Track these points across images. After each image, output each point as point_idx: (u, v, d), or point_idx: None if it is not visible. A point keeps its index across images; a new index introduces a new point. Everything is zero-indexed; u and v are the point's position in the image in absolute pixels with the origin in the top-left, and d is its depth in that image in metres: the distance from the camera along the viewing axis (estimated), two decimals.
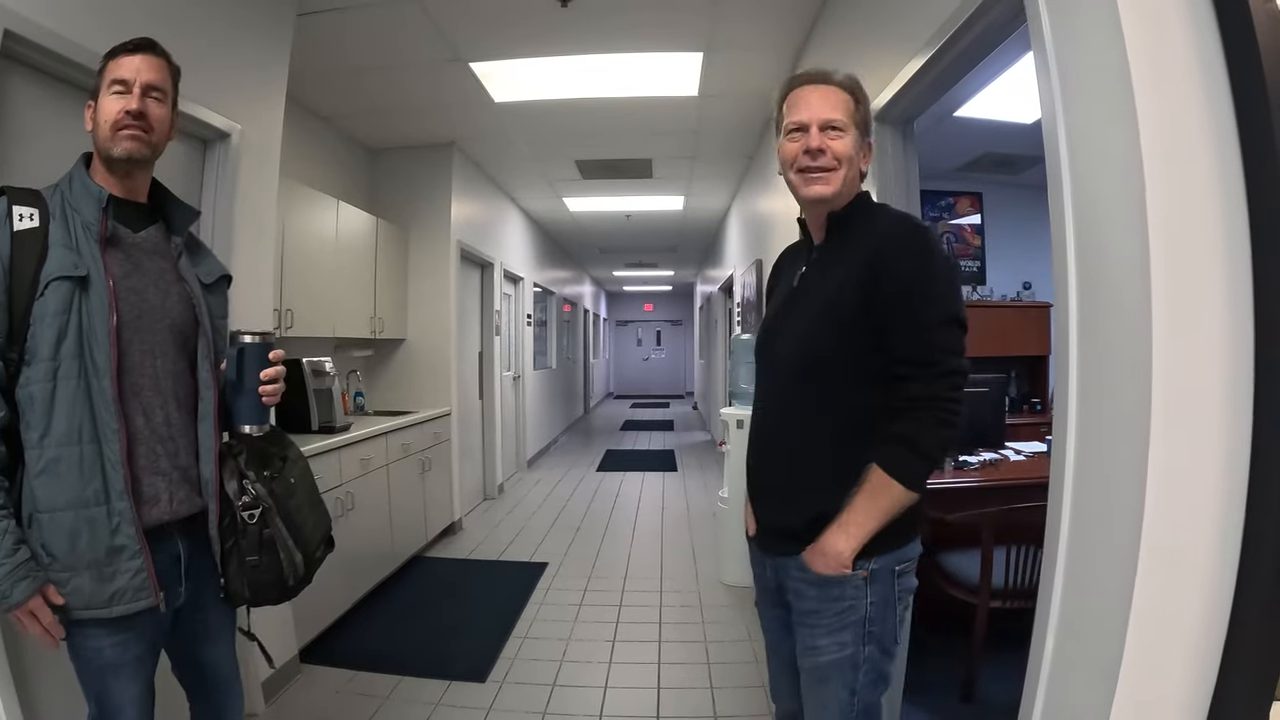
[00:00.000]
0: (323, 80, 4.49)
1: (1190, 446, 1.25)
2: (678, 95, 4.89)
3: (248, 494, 1.70)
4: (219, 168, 2.96)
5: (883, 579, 1.55)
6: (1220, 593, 1.26)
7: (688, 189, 7.88)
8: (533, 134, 5.87)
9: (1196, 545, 1.26)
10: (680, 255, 13.19)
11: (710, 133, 5.80)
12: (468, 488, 6.53)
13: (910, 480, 1.48)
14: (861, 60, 3.01)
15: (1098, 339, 1.42)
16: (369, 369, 5.82)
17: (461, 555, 5.32)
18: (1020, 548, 2.76)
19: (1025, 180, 6.05)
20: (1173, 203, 1.25)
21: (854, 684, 1.57)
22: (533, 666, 3.43)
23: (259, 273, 3.15)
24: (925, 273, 1.49)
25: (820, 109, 1.59)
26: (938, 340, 1.47)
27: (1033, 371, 5.90)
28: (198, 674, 1.86)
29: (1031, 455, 3.81)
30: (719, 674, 3.34)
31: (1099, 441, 1.42)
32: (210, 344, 1.72)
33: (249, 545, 1.70)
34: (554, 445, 11.07)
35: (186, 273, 1.73)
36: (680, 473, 8.79)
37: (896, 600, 1.58)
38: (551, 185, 7.64)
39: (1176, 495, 1.25)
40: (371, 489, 4.24)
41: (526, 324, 9.21)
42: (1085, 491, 1.46)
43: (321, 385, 4.10)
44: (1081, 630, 1.44)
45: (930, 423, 1.46)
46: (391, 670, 3.37)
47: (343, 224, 4.71)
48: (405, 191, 5.99)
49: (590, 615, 4.09)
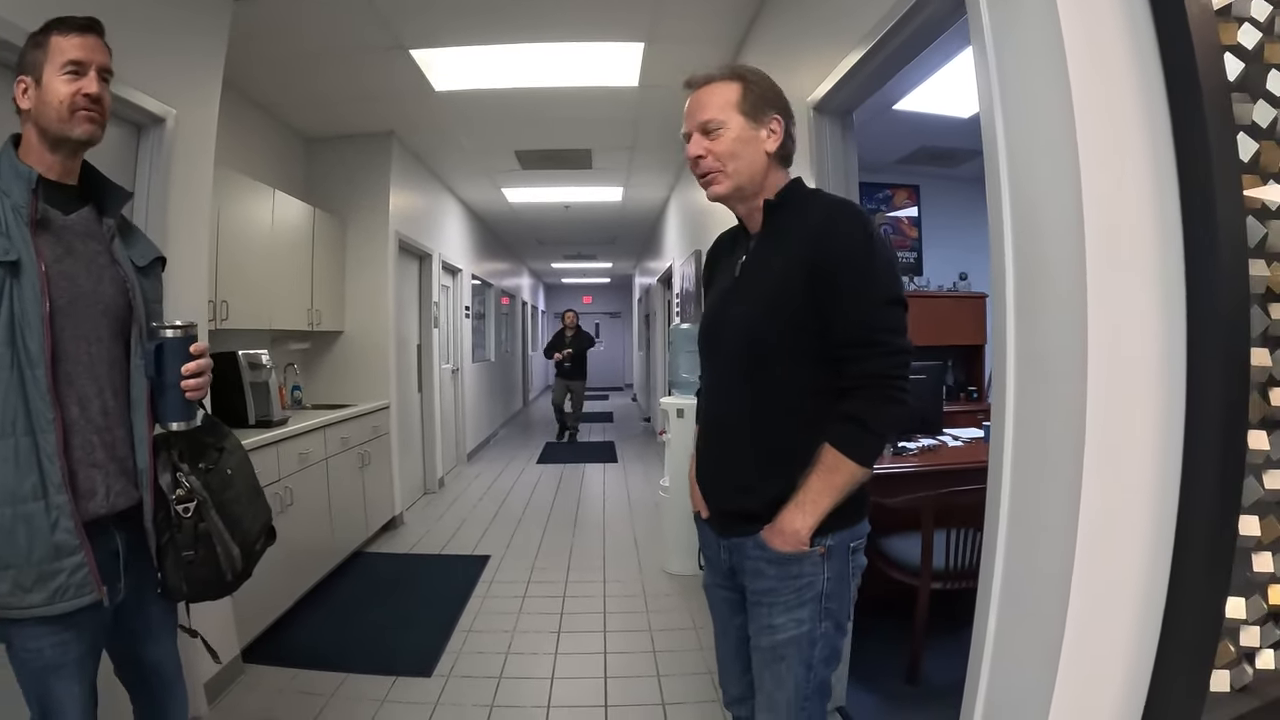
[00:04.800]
0: (261, 67, 4.37)
1: (1125, 429, 1.32)
2: (619, 85, 4.89)
3: (181, 487, 1.66)
4: (153, 154, 2.87)
5: (839, 555, 1.59)
6: (1157, 569, 1.33)
7: (627, 180, 7.89)
8: (473, 124, 5.80)
9: (1133, 523, 1.33)
10: (619, 247, 13.20)
11: (650, 123, 5.81)
12: (408, 482, 6.46)
13: (862, 457, 1.52)
14: (801, 52, 3.07)
15: (1035, 327, 1.49)
16: (307, 362, 5.70)
17: (404, 550, 5.26)
18: (960, 531, 2.86)
19: (962, 174, 6.22)
20: (1108, 194, 1.31)
21: (810, 659, 1.60)
22: (479, 660, 3.43)
23: (194, 262, 3.08)
24: (865, 254, 1.51)
25: (694, 115, 1.63)
26: (881, 320, 1.50)
27: (969, 360, 6.07)
28: (140, 674, 1.82)
29: (969, 441, 3.94)
30: (665, 662, 3.38)
31: (1037, 426, 1.48)
32: (144, 329, 1.66)
33: (184, 539, 1.66)
34: (494, 438, 11.00)
35: (120, 256, 1.68)
36: (621, 464, 8.83)
37: (851, 576, 1.62)
38: (491, 176, 7.58)
39: (1113, 475, 1.31)
40: (311, 483, 4.17)
41: (465, 316, 9.12)
42: (1024, 474, 1.52)
43: (258, 378, 4.01)
44: (1022, 610, 1.51)
45: (879, 400, 1.49)
46: (336, 668, 3.32)
47: (279, 214, 4.61)
48: (343, 182, 5.86)
49: (535, 607, 4.10)
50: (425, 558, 5.10)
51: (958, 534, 2.87)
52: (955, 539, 2.88)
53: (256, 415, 3.94)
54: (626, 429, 12.20)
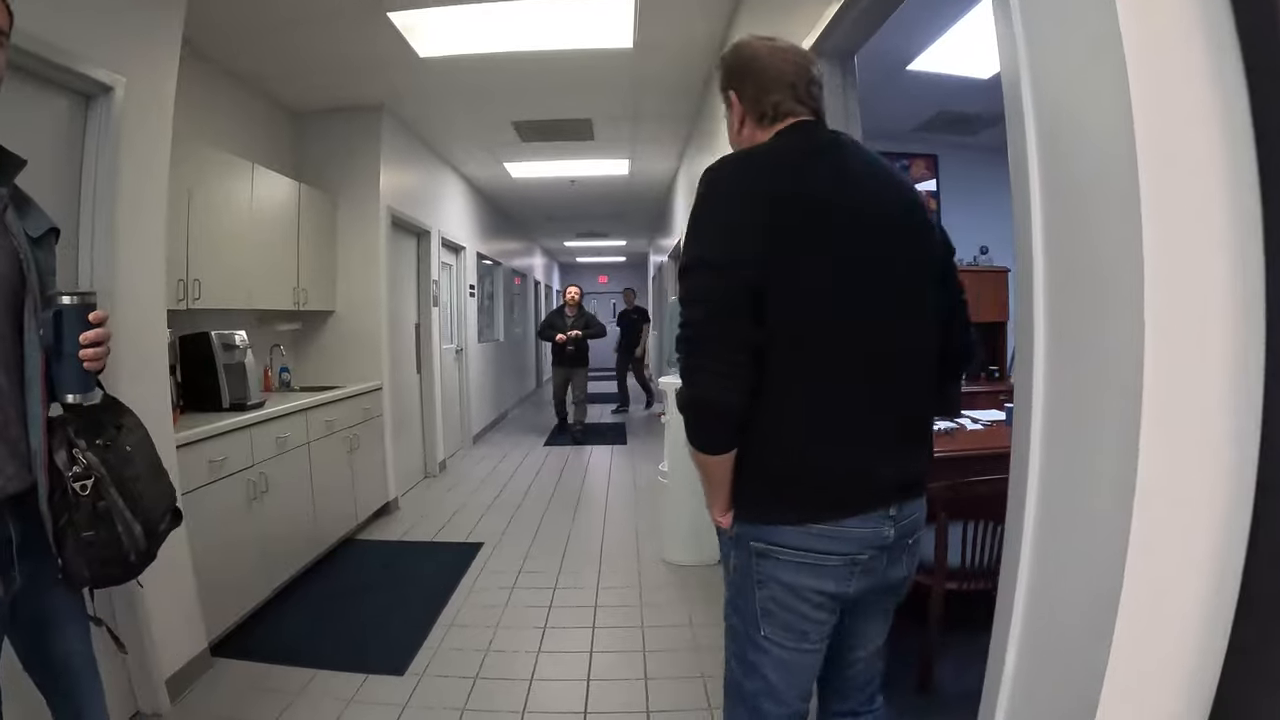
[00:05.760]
0: (237, 36, 4.18)
1: (1191, 408, 1.08)
2: (612, 47, 4.64)
3: (78, 464, 1.55)
4: (102, 125, 2.69)
5: (741, 547, 1.47)
6: (1228, 575, 1.09)
7: (632, 151, 7.63)
8: (463, 93, 5.56)
9: (1203, 514, 1.08)
10: (629, 223, 12.96)
11: (649, 89, 5.56)
12: (405, 465, 6.30)
13: (689, 435, 1.41)
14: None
15: (1070, 306, 1.25)
16: (297, 344, 5.54)
17: (395, 537, 5.10)
18: (979, 524, 2.60)
19: (981, 142, 5.98)
20: (1168, 165, 1.06)
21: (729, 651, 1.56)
22: (456, 657, 3.25)
23: (146, 238, 2.89)
24: (693, 215, 1.41)
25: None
26: (683, 290, 1.37)
27: (990, 337, 5.80)
28: (48, 669, 1.71)
29: (989, 424, 3.70)
30: (655, 663, 3.18)
31: (1071, 405, 1.25)
32: (37, 302, 1.53)
33: (83, 519, 1.55)
34: (503, 420, 10.85)
35: (14, 226, 1.55)
36: (629, 446, 8.64)
37: (755, 581, 1.45)
38: (490, 150, 7.35)
39: (1178, 460, 1.07)
40: (289, 469, 4.01)
41: (470, 295, 8.93)
42: (1057, 460, 1.28)
43: (232, 360, 3.84)
44: (1054, 617, 1.28)
45: (682, 379, 1.37)
46: (308, 663, 3.16)
47: (260, 190, 4.41)
48: (333, 158, 5.66)
49: (522, 599, 3.91)
50: (416, 545, 4.93)
51: (977, 527, 2.60)
52: (975, 533, 2.61)
53: (231, 398, 3.77)
54: (637, 410, 11.98)
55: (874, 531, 1.40)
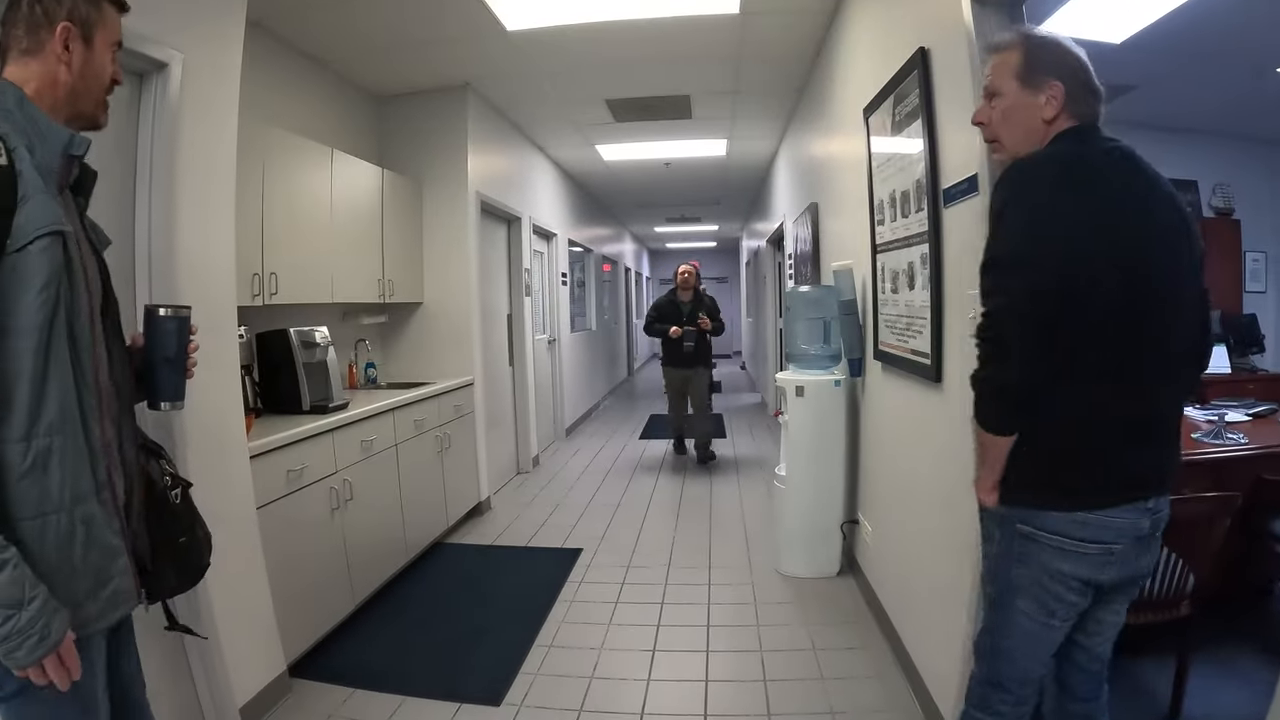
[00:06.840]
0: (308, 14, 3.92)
1: None
2: (716, 14, 4.20)
3: (166, 472, 1.56)
4: (156, 105, 2.43)
5: (1007, 526, 1.59)
6: None
7: (731, 130, 7.15)
8: (555, 68, 5.19)
9: None
10: (724, 208, 12.47)
11: (754, 61, 5.08)
12: (498, 463, 6.05)
13: (977, 411, 1.54)
14: None
15: None
16: (383, 338, 5.33)
17: (487, 541, 4.82)
18: None
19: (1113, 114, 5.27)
20: None
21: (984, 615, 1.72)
22: (557, 685, 2.92)
23: (212, 230, 2.63)
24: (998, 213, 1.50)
25: (987, 83, 1.68)
26: (988, 282, 1.49)
27: None
28: (114, 698, 1.50)
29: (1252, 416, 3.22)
30: (777, 694, 2.79)
31: None
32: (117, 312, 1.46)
33: (180, 525, 1.56)
34: (595, 411, 10.57)
35: (93, 237, 1.45)
36: (730, 439, 8.19)
37: (1015, 558, 1.58)
38: (582, 131, 6.99)
39: None
40: (376, 474, 3.74)
41: (561, 283, 8.64)
42: None
43: (312, 358, 3.60)
44: None
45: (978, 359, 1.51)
46: (394, 688, 2.91)
47: (340, 177, 4.16)
48: (418, 141, 5.41)
49: (627, 617, 3.55)
50: (510, 550, 4.64)
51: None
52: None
53: (312, 400, 3.53)
54: (735, 399, 11.52)
55: (1132, 523, 1.51)
